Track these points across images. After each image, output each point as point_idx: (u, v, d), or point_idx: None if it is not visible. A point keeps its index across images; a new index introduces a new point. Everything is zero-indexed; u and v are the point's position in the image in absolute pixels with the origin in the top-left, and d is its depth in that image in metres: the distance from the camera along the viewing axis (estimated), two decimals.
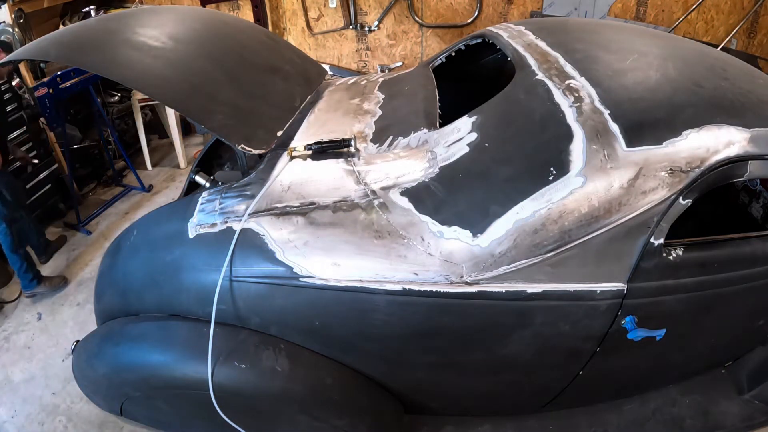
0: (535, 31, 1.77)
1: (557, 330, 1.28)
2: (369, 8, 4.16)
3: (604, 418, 1.65)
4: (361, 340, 1.37)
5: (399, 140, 1.51)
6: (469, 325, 1.29)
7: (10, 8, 3.11)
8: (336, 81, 2.14)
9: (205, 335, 1.31)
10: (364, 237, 1.27)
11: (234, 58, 1.70)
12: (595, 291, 1.22)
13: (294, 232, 1.30)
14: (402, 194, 1.33)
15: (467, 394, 1.55)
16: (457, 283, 1.22)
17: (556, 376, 1.46)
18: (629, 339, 1.31)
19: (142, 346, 1.41)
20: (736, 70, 1.50)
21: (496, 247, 1.20)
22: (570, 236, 1.19)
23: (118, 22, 1.57)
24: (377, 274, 1.24)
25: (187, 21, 1.75)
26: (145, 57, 1.39)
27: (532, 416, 1.65)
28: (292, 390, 1.35)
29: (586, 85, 1.35)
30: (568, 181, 1.19)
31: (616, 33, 1.72)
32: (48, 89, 3.00)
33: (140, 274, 1.52)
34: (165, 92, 1.37)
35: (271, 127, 1.54)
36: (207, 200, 1.45)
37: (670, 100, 1.30)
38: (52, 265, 3.03)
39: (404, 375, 1.48)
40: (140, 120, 4.02)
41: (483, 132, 1.40)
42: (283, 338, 1.39)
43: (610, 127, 1.23)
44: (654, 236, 1.20)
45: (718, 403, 1.69)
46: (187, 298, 1.43)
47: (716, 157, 1.19)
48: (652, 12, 3.69)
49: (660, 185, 1.18)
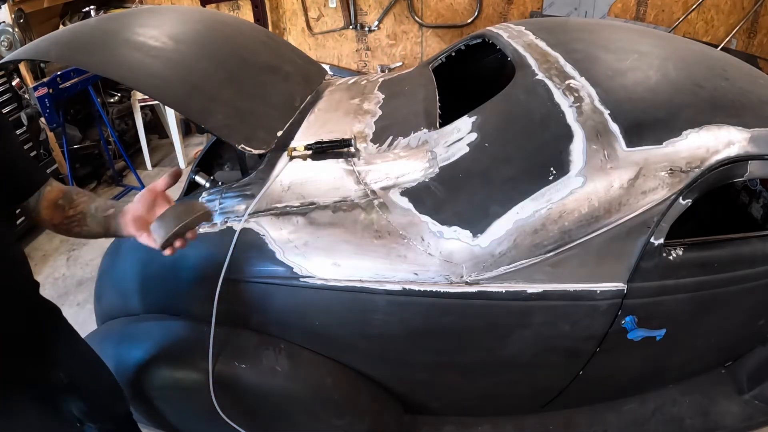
0: (535, 31, 1.77)
1: (557, 330, 1.28)
2: (369, 8, 4.16)
3: (604, 418, 1.65)
4: (361, 340, 1.37)
5: (399, 140, 1.51)
6: (469, 325, 1.29)
7: (10, 8, 3.11)
8: (336, 81, 2.14)
9: (205, 335, 1.31)
10: (364, 237, 1.27)
11: (234, 59, 1.70)
12: (595, 291, 1.22)
13: (294, 232, 1.30)
14: (402, 194, 1.33)
15: (467, 394, 1.55)
16: (457, 283, 1.22)
17: (556, 376, 1.46)
18: (629, 339, 1.31)
19: (142, 346, 1.41)
20: (736, 70, 1.50)
21: (496, 247, 1.20)
22: (570, 236, 1.19)
23: (118, 22, 1.56)
24: (377, 274, 1.25)
25: (187, 21, 1.74)
26: (145, 57, 1.39)
27: (532, 416, 1.65)
28: (292, 390, 1.35)
29: (586, 85, 1.35)
30: (568, 181, 1.19)
31: (616, 33, 1.72)
32: (48, 89, 2.99)
33: (140, 274, 1.52)
34: (165, 92, 1.37)
35: (271, 127, 1.54)
36: (207, 200, 1.45)
37: (670, 100, 1.30)
38: (52, 265, 3.03)
39: (404, 375, 1.48)
40: (140, 120, 4.01)
41: (483, 132, 1.40)
42: (283, 338, 1.39)
43: (610, 127, 1.23)
44: (654, 236, 1.20)
45: (718, 403, 1.69)
46: (186, 298, 1.43)
47: (716, 157, 1.19)
48: (652, 12, 3.69)
49: (660, 185, 1.18)
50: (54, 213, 1.04)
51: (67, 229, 1.06)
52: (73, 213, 1.05)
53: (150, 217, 0.97)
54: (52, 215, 1.04)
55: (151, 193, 0.98)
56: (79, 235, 1.08)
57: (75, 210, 1.05)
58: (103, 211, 1.04)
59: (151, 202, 0.98)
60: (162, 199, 0.99)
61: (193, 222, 0.95)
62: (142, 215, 0.97)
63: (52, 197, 1.04)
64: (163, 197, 0.99)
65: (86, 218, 1.05)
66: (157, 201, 0.98)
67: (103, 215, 1.04)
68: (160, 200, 0.99)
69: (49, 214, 1.04)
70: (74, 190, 1.08)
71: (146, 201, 0.98)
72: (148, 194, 0.98)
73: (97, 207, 1.05)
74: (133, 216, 0.98)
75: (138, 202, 0.99)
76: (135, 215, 0.98)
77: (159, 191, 0.99)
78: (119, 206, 1.04)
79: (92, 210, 1.05)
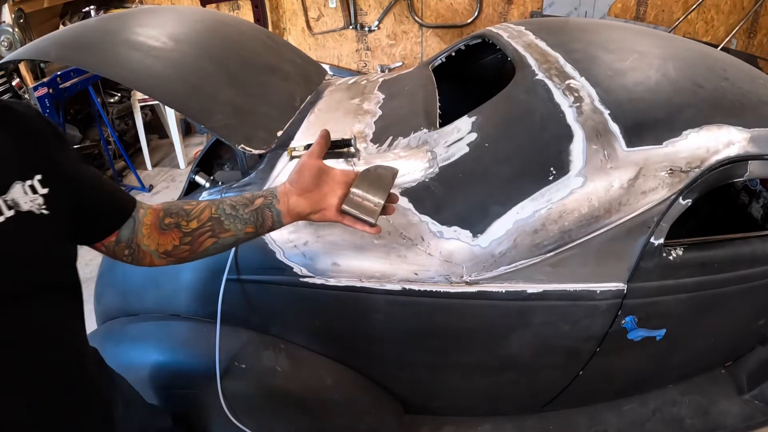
0: (535, 31, 1.77)
1: (557, 330, 1.28)
2: (369, 8, 4.16)
3: (604, 418, 1.65)
4: (361, 340, 1.37)
5: (399, 140, 1.51)
6: (469, 325, 1.29)
7: (10, 8, 3.11)
8: (336, 81, 2.14)
9: (205, 335, 1.31)
10: (364, 237, 1.27)
11: (234, 59, 1.70)
12: (595, 291, 1.22)
13: (294, 232, 1.30)
14: (402, 194, 1.33)
15: (467, 394, 1.55)
16: (457, 283, 1.22)
17: (556, 376, 1.46)
18: (629, 339, 1.31)
19: (142, 346, 1.41)
20: (736, 70, 1.50)
21: (496, 247, 1.20)
22: (570, 236, 1.19)
23: (118, 22, 1.56)
24: (377, 274, 1.25)
25: (187, 21, 1.74)
26: (145, 57, 1.39)
27: (532, 416, 1.65)
28: (292, 390, 1.35)
29: (586, 85, 1.35)
30: (568, 181, 1.19)
31: (616, 33, 1.72)
32: (48, 89, 3.00)
33: (140, 274, 1.52)
34: (165, 92, 1.37)
35: (271, 127, 1.54)
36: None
37: (670, 100, 1.30)
38: None
39: (404, 375, 1.48)
40: (140, 120, 4.01)
41: (483, 132, 1.40)
42: (283, 338, 1.39)
43: (610, 127, 1.23)
44: (654, 236, 1.20)
45: (718, 403, 1.69)
46: (187, 298, 1.43)
47: (716, 157, 1.19)
48: (652, 12, 3.69)
49: (660, 185, 1.18)
50: (162, 237, 0.84)
51: (192, 249, 0.85)
52: (197, 225, 0.84)
53: (324, 190, 0.85)
54: (160, 240, 0.84)
55: (311, 162, 0.85)
56: (213, 251, 0.87)
57: (199, 221, 0.84)
58: (246, 205, 0.86)
59: (317, 174, 0.85)
60: (325, 168, 0.86)
61: (392, 183, 0.85)
62: (314, 190, 0.85)
63: (151, 221, 0.84)
64: (324, 165, 0.86)
65: (221, 224, 0.85)
66: (321, 171, 0.86)
67: (250, 210, 0.85)
68: (324, 170, 0.86)
69: (154, 242, 0.83)
70: (174, 204, 0.87)
71: (311, 174, 0.84)
72: (309, 165, 0.85)
73: (233, 205, 0.86)
74: (304, 194, 0.84)
75: (299, 176, 0.85)
76: (307, 192, 0.85)
77: (320, 159, 0.85)
78: (268, 192, 0.87)
79: (227, 211, 0.85)
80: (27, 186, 0.65)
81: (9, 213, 0.62)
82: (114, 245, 0.83)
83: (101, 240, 0.82)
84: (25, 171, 0.66)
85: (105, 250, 0.83)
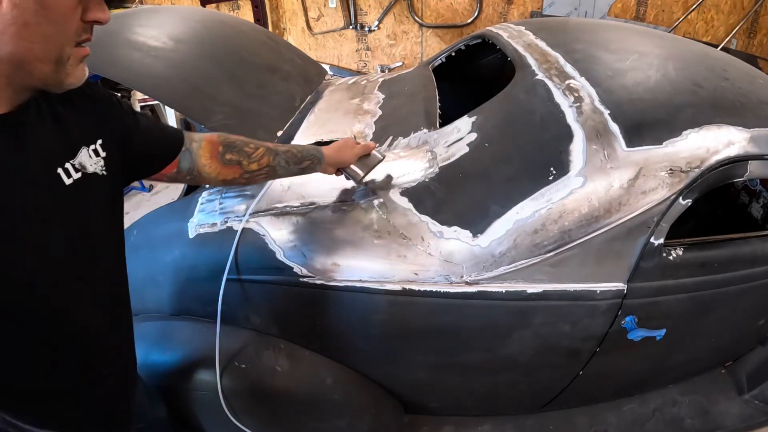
0: (535, 31, 1.77)
1: (557, 330, 1.28)
2: (369, 8, 4.16)
3: (604, 418, 1.65)
4: (361, 340, 1.37)
5: (399, 140, 1.51)
6: (469, 325, 1.29)
7: None
8: (336, 81, 2.14)
9: (205, 335, 1.31)
10: (364, 237, 1.27)
11: (234, 59, 1.70)
12: (595, 291, 1.22)
13: (294, 232, 1.30)
14: (402, 194, 1.33)
15: (467, 394, 1.55)
16: (457, 283, 1.22)
17: (556, 376, 1.46)
18: (629, 339, 1.31)
19: (142, 346, 1.41)
20: (736, 70, 1.50)
21: (496, 247, 1.20)
22: (570, 236, 1.19)
23: (118, 22, 1.56)
24: (377, 274, 1.25)
25: (188, 21, 1.75)
26: (145, 57, 1.39)
27: (532, 416, 1.65)
28: (292, 390, 1.35)
29: (586, 85, 1.35)
30: (568, 181, 1.19)
31: (616, 33, 1.72)
32: None
33: (140, 274, 1.51)
34: (165, 92, 1.37)
35: (271, 127, 1.54)
36: (207, 200, 1.45)
37: (670, 100, 1.30)
38: None
39: (404, 375, 1.48)
40: None
41: (483, 132, 1.40)
42: (283, 338, 1.39)
43: (610, 127, 1.23)
44: (654, 236, 1.20)
45: (718, 403, 1.69)
46: (187, 298, 1.43)
47: (716, 157, 1.19)
48: (652, 12, 3.69)
49: (660, 185, 1.18)
50: (224, 169, 1.02)
51: (248, 181, 1.11)
52: (257, 167, 1.07)
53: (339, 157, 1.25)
54: (222, 170, 1.02)
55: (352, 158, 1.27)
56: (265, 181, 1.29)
57: (259, 165, 1.08)
58: (297, 163, 1.16)
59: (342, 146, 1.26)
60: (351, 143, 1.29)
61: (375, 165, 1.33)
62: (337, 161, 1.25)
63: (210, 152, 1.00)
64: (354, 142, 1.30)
65: (275, 171, 1.12)
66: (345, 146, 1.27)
67: (299, 167, 1.17)
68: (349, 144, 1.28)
69: (215, 171, 1.01)
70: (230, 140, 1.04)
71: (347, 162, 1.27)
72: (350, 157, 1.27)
73: (287, 160, 1.13)
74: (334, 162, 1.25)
75: (340, 158, 1.25)
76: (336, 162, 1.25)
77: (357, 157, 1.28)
78: (315, 159, 1.20)
79: (281, 164, 1.12)
80: (91, 150, 0.76)
81: (77, 175, 0.73)
82: (175, 174, 0.98)
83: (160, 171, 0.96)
84: (89, 136, 0.77)
85: (167, 179, 0.98)
